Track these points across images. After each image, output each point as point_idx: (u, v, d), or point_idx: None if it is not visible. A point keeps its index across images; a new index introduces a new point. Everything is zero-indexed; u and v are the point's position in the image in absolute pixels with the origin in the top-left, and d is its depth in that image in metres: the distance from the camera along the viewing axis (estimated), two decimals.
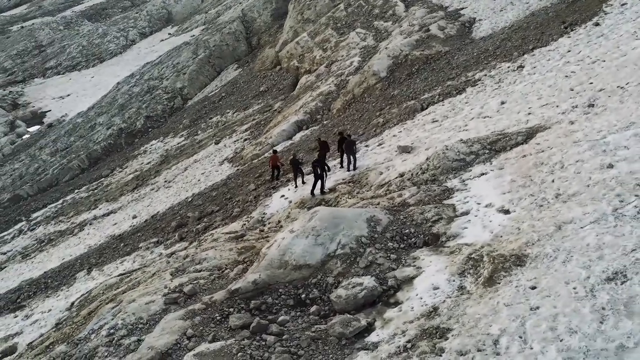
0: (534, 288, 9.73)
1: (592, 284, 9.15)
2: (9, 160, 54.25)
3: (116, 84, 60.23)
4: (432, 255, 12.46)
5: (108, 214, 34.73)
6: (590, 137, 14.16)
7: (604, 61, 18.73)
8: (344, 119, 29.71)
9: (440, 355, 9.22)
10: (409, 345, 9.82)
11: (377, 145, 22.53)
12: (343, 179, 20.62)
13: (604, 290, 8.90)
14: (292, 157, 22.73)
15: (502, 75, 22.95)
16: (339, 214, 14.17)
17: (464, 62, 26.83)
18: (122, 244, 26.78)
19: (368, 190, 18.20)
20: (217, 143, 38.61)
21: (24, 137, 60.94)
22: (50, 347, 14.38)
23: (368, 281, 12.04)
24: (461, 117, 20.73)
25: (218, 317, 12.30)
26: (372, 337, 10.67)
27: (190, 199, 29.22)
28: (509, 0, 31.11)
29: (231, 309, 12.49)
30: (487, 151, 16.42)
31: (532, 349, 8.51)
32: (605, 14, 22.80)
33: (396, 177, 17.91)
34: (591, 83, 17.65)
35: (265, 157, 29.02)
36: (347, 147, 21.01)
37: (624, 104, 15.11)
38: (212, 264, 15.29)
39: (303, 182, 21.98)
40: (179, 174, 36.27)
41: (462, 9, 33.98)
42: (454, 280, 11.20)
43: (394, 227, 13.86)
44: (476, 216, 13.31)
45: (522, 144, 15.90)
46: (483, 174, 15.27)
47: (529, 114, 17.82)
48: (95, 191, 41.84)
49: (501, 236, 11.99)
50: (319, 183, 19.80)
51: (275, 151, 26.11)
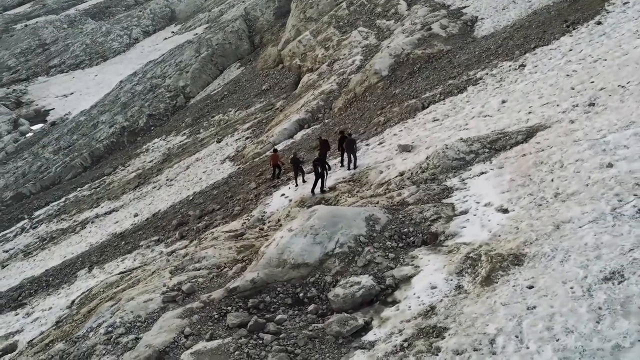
0: (531, 287, 9.68)
1: (589, 284, 9.10)
2: (12, 159, 54.43)
3: (119, 82, 60.36)
4: (430, 255, 12.42)
5: (110, 212, 34.82)
6: (590, 137, 14.09)
7: (606, 60, 18.65)
8: (345, 117, 29.68)
9: (437, 355, 9.19)
10: (405, 344, 9.78)
11: (378, 144, 22.49)
12: (343, 178, 20.58)
13: (601, 290, 8.85)
14: (292, 155, 22.73)
15: (503, 74, 22.88)
16: (338, 213, 14.14)
17: (466, 61, 26.77)
18: (123, 242, 26.84)
19: (368, 189, 18.16)
20: (219, 141, 38.65)
21: (27, 135, 61.17)
22: (50, 345, 14.37)
23: (366, 280, 12.00)
24: (462, 116, 20.68)
25: (216, 316, 12.29)
26: (369, 336, 10.64)
27: (191, 198, 29.24)
28: None
29: (229, 308, 12.48)
30: (487, 150, 16.37)
31: (528, 348, 8.46)
32: (608, 12, 22.71)
33: (396, 176, 17.86)
34: (592, 82, 17.57)
35: (267, 155, 29.04)
36: (348, 145, 20.98)
37: (624, 103, 15.04)
38: (211, 263, 15.28)
39: (304, 181, 21.97)
40: (180, 172, 36.34)
41: (465, 7, 33.93)
42: (451, 280, 11.16)
43: (393, 226, 13.83)
44: (475, 215, 13.26)
45: (522, 143, 15.84)
46: (483, 173, 15.21)
47: (530, 113, 17.75)
48: (98, 189, 41.95)
49: (499, 235, 11.94)
50: (319, 182, 19.79)
51: (275, 150, 26.09)
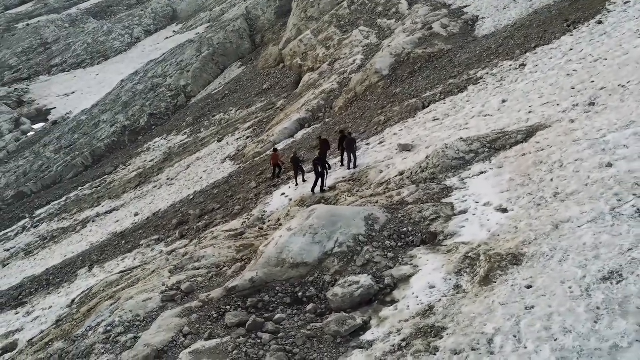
0: (529, 287, 9.66)
1: (587, 284, 9.08)
2: (13, 157, 54.51)
3: (120, 81, 60.42)
4: (429, 254, 12.40)
5: (110, 212, 34.86)
6: (590, 136, 14.06)
7: (606, 59, 18.61)
8: (345, 117, 29.67)
9: (435, 354, 9.17)
10: (403, 344, 9.77)
11: (378, 144, 22.47)
12: (343, 177, 20.57)
13: (600, 290, 8.83)
14: (292, 155, 22.72)
15: (504, 74, 22.85)
16: (337, 212, 14.13)
17: (466, 61, 26.74)
18: (123, 242, 26.87)
19: (368, 189, 18.14)
20: (219, 141, 38.66)
21: (28, 134, 61.27)
22: (50, 343, 14.37)
23: (365, 280, 11.98)
24: (462, 115, 20.65)
25: (215, 315, 12.28)
26: (368, 336, 10.62)
27: (191, 197, 29.26)
28: None
29: (228, 307, 12.46)
30: (487, 150, 16.34)
31: (526, 348, 8.45)
32: (609, 12, 22.67)
33: (396, 176, 17.84)
34: (592, 81, 17.53)
35: (267, 155, 29.05)
36: (348, 145, 20.97)
37: (624, 103, 15.01)
38: (211, 262, 15.28)
39: (304, 180, 21.96)
40: (181, 171, 36.36)
41: (466, 6, 33.90)
42: (450, 279, 11.14)
43: (392, 226, 13.81)
44: (474, 215, 13.23)
45: (522, 142, 15.80)
46: (482, 173, 15.18)
47: (530, 112, 17.72)
48: (99, 188, 42.00)
49: (498, 235, 11.91)
50: (319, 181, 19.78)
51: (275, 149, 26.09)
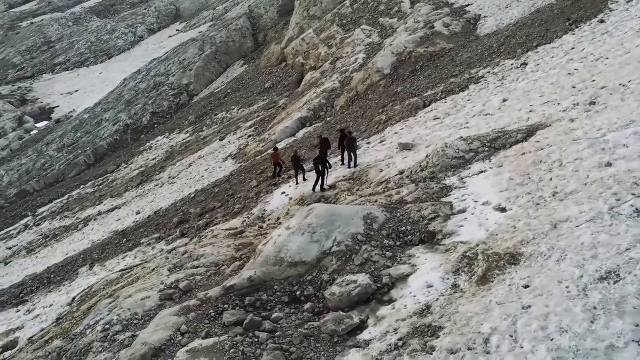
0: (526, 287, 9.63)
1: (584, 283, 9.04)
2: (16, 156, 54.65)
3: (123, 80, 60.50)
4: (427, 253, 12.37)
5: (112, 210, 34.92)
6: (590, 135, 14.00)
7: (607, 58, 18.54)
8: (347, 115, 29.64)
9: (431, 354, 9.16)
10: (400, 343, 9.75)
11: (379, 142, 22.44)
12: (343, 176, 20.55)
13: (596, 290, 8.79)
14: (293, 153, 22.71)
15: (505, 73, 22.79)
16: (336, 211, 14.11)
17: (468, 59, 26.69)
18: (124, 240, 26.91)
19: (367, 188, 18.11)
20: (221, 139, 38.69)
21: (31, 132, 61.38)
22: (49, 341, 14.40)
23: (362, 278, 11.97)
24: (463, 114, 20.61)
25: (212, 313, 12.28)
26: (364, 335, 10.61)
27: (192, 195, 29.29)
28: None
29: (226, 305, 12.46)
30: (487, 149, 16.29)
31: (522, 347, 8.42)
32: (611, 10, 22.58)
33: (396, 175, 17.80)
34: (593, 80, 17.47)
35: (268, 153, 29.04)
36: (348, 144, 20.96)
37: (625, 102, 14.94)
38: (209, 260, 15.27)
39: (304, 179, 21.95)
40: (182, 170, 36.39)
41: (468, 5, 33.83)
42: (448, 279, 11.12)
43: (391, 225, 13.79)
44: (473, 214, 13.20)
45: (521, 141, 15.74)
46: (482, 172, 15.13)
47: (530, 111, 17.67)
48: (101, 187, 42.07)
49: (497, 234, 11.88)
50: (320, 180, 19.76)
51: (276, 148, 26.07)
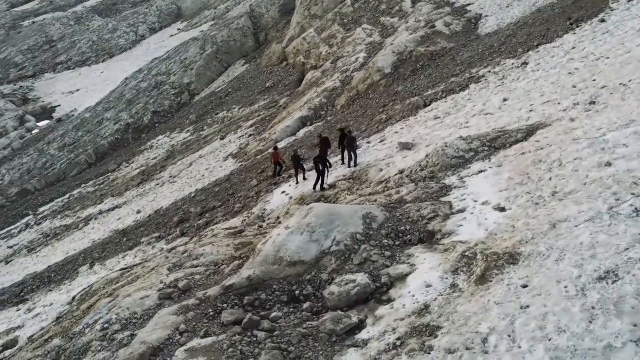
0: (525, 286, 9.61)
1: (583, 283, 9.02)
2: (17, 155, 54.69)
3: (124, 79, 60.51)
4: (426, 253, 12.35)
5: (113, 209, 34.94)
6: (589, 135, 13.97)
7: (608, 58, 18.51)
8: (347, 115, 29.62)
9: (429, 353, 9.14)
10: (398, 342, 9.74)
11: (379, 142, 22.42)
12: (343, 175, 20.55)
13: (595, 290, 8.77)
14: (293, 153, 22.70)
15: (505, 72, 22.76)
16: (335, 211, 14.09)
17: (469, 59, 26.66)
18: (124, 239, 26.92)
19: (367, 187, 18.10)
20: (222, 138, 38.70)
21: (33, 131, 61.40)
22: (49, 340, 14.39)
23: (361, 278, 11.95)
24: (463, 113, 20.58)
25: (211, 313, 12.26)
26: (363, 334, 10.59)
27: (193, 194, 29.30)
28: None
29: (224, 305, 12.45)
30: (487, 148, 16.27)
31: (520, 347, 8.40)
32: (612, 10, 22.54)
33: (395, 174, 17.78)
34: (594, 80, 17.44)
35: (269, 152, 29.03)
36: (348, 143, 20.96)
37: (625, 101, 14.92)
38: (209, 260, 15.27)
39: (304, 178, 21.95)
40: (183, 169, 36.40)
41: (469, 4, 33.79)
42: (446, 278, 11.10)
43: (390, 224, 13.77)
44: (472, 213, 13.17)
45: (521, 141, 15.71)
46: (481, 171, 15.11)
47: (530, 111, 17.65)
48: (102, 186, 42.10)
49: (496, 234, 11.86)
50: (320, 179, 19.76)
51: (276, 147, 26.06)
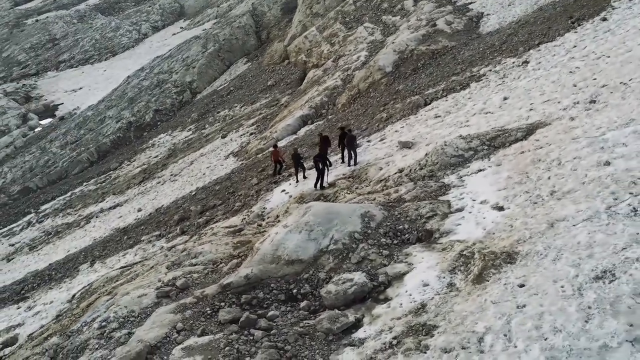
0: (522, 286, 9.57)
1: (580, 283, 8.98)
2: (20, 153, 54.79)
3: (126, 77, 60.55)
4: (424, 252, 12.33)
5: (114, 207, 34.99)
6: (589, 134, 13.93)
7: (609, 57, 18.44)
8: (348, 113, 29.60)
9: (425, 353, 9.12)
10: (394, 341, 9.72)
11: (379, 141, 22.39)
12: (343, 174, 20.54)
13: (592, 289, 8.73)
14: (293, 151, 22.68)
15: (506, 71, 22.70)
16: (333, 210, 14.07)
17: (470, 57, 26.59)
18: (125, 237, 26.95)
19: (367, 186, 18.08)
20: (223, 137, 38.70)
21: (36, 129, 61.48)
22: (48, 338, 14.43)
23: (359, 277, 11.93)
24: (463, 112, 20.54)
25: (209, 311, 12.26)
26: (360, 333, 10.58)
27: (194, 193, 29.31)
28: None
29: (222, 303, 12.44)
30: (486, 147, 16.23)
31: (516, 347, 8.37)
32: (613, 8, 22.47)
33: (395, 173, 17.76)
34: (594, 79, 17.38)
35: (270, 151, 28.99)
36: (348, 142, 20.95)
37: (625, 101, 14.86)
38: (208, 258, 15.27)
39: (304, 177, 21.94)
40: (185, 167, 36.42)
41: (471, 3, 33.70)
42: (444, 277, 11.07)
43: (388, 223, 13.75)
44: (470, 213, 13.15)
45: (521, 140, 15.67)
46: (480, 170, 15.07)
47: (531, 110, 17.60)
48: (103, 184, 42.16)
49: (494, 233, 11.83)
50: (320, 178, 19.75)
51: (275, 146, 26.05)
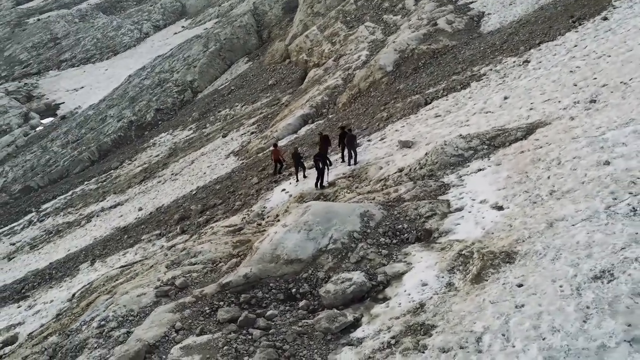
0: (520, 286, 9.56)
1: (578, 283, 8.97)
2: (21, 152, 54.85)
3: (127, 76, 60.58)
4: (423, 251, 12.32)
5: (115, 206, 34.99)
6: (589, 134, 13.91)
7: (610, 56, 18.41)
8: (349, 113, 29.57)
9: (423, 352, 9.11)
10: (393, 341, 9.71)
11: (379, 140, 22.37)
12: (343, 174, 20.52)
13: (590, 289, 8.71)
14: (293, 151, 22.67)
15: (507, 70, 22.66)
16: (332, 209, 14.06)
17: (470, 57, 26.56)
18: (126, 236, 26.96)
19: (367, 185, 18.07)
20: (224, 136, 38.70)
21: (37, 129, 61.52)
22: (48, 337, 14.44)
23: (357, 276, 11.92)
24: (464, 112, 20.52)
25: (208, 311, 12.24)
26: (358, 333, 10.57)
27: (194, 192, 29.31)
28: None
29: (221, 303, 12.42)
30: (486, 147, 16.21)
31: (514, 347, 8.36)
32: (614, 8, 22.43)
33: (395, 172, 17.74)
34: (595, 78, 17.36)
35: (270, 150, 28.98)
36: (348, 141, 20.93)
37: (625, 100, 14.84)
38: (207, 257, 15.26)
39: (304, 176, 21.92)
40: (185, 166, 36.42)
41: (472, 2, 33.67)
42: (442, 277, 11.06)
43: (387, 223, 13.73)
44: (470, 212, 13.13)
45: (521, 139, 15.65)
46: (480, 170, 15.05)
47: (531, 109, 17.57)
48: (104, 183, 42.18)
49: (493, 233, 11.81)
50: (320, 177, 19.74)
51: (275, 145, 26.04)
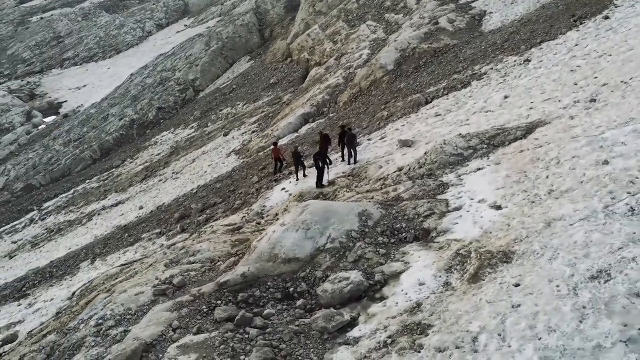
0: (517, 285, 9.54)
1: (575, 282, 8.94)
2: (23, 150, 54.95)
3: (129, 75, 60.65)
4: (421, 251, 12.30)
5: (116, 205, 35.04)
6: (588, 133, 13.88)
7: (610, 55, 18.36)
8: (349, 111, 29.55)
9: (419, 352, 9.09)
10: (389, 340, 9.69)
11: (379, 139, 22.34)
12: (343, 173, 20.50)
13: (587, 289, 8.68)
14: (293, 149, 22.66)
15: (508, 69, 22.61)
16: (330, 208, 14.04)
17: (471, 56, 26.50)
18: (126, 235, 26.98)
19: (366, 184, 18.05)
20: (225, 135, 38.70)
21: (39, 127, 61.64)
22: (46, 335, 14.45)
23: (355, 276, 11.90)
24: (464, 111, 20.48)
25: (205, 309, 12.22)
26: (355, 332, 10.55)
27: (195, 191, 29.33)
28: None
29: (219, 302, 12.40)
30: (486, 146, 16.18)
31: (509, 347, 8.34)
32: (616, 7, 22.38)
33: (394, 172, 17.71)
34: (595, 77, 17.31)
35: (271, 149, 28.98)
36: (348, 140, 20.91)
37: (625, 99, 14.79)
38: (205, 256, 15.25)
39: (304, 175, 21.91)
40: (186, 165, 36.44)
41: (474, 1, 33.65)
42: (440, 276, 11.04)
43: (386, 222, 13.71)
44: (468, 212, 13.09)
45: (520, 138, 15.63)
46: (479, 169, 15.02)
47: (531, 108, 17.54)
48: (106, 181, 42.24)
49: (491, 232, 11.78)
50: (319, 176, 19.72)
51: (275, 143, 26.03)
